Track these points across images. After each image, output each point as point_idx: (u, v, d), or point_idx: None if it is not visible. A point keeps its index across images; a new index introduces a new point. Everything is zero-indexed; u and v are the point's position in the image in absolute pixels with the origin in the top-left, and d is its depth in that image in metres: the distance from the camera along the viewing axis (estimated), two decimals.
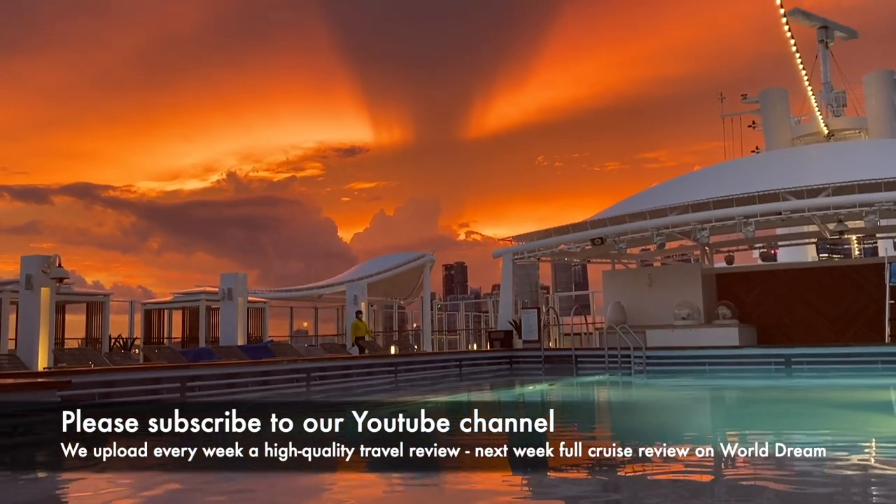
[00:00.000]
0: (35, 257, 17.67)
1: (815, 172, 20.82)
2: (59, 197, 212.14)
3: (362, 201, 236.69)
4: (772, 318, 23.76)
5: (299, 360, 14.29)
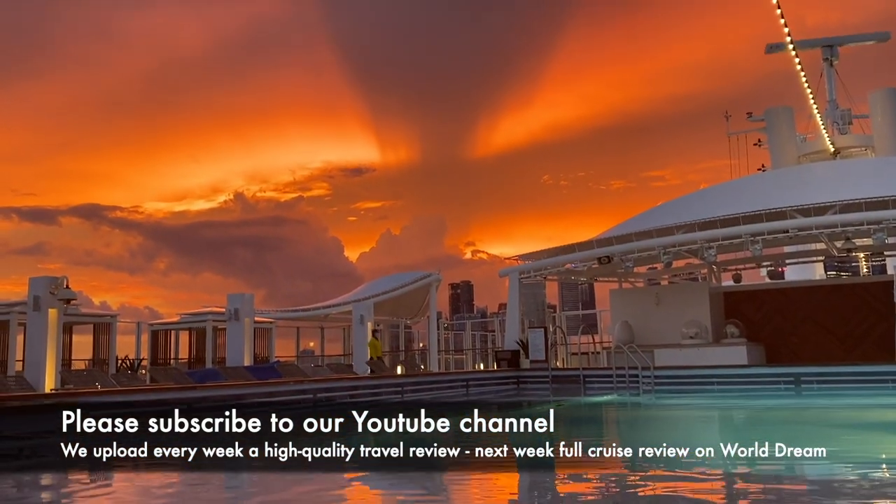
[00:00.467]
0: (43, 279, 17.74)
1: (822, 190, 20.78)
2: (67, 218, 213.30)
3: (369, 220, 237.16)
4: (780, 336, 23.62)
5: (305, 380, 14.26)
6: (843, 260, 31.43)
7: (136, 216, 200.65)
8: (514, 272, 24.65)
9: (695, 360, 21.62)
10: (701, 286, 25.59)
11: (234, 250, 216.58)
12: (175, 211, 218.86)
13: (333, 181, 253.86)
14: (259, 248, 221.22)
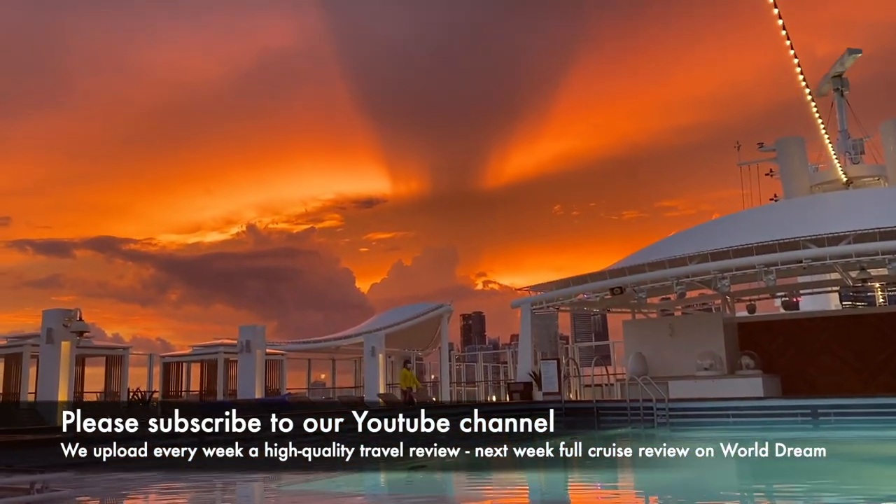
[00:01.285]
0: (56, 311, 17.83)
1: (836, 220, 20.66)
2: (81, 250, 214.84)
3: (380, 251, 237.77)
4: (796, 367, 23.35)
5: (318, 414, 14.14)
6: (858, 290, 31.20)
7: (150, 248, 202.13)
8: (526, 303, 24.54)
9: (710, 392, 21.36)
10: (715, 317, 25.38)
11: (245, 282, 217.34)
12: (188, 243, 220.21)
13: (345, 212, 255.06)
14: (271, 280, 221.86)
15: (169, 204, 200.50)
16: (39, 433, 12.80)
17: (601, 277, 23.07)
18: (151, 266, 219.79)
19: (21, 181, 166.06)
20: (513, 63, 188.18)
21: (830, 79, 33.48)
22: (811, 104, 30.75)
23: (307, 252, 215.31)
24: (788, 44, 29.17)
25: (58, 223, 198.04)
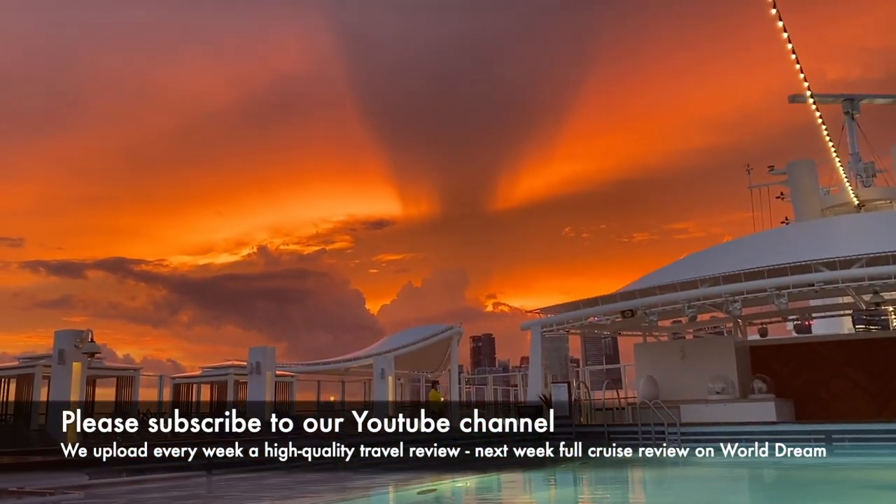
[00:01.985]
0: (68, 332, 17.91)
1: (848, 243, 20.57)
2: (93, 271, 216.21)
3: (390, 273, 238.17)
4: (809, 392, 23.13)
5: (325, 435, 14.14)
6: (871, 313, 30.94)
7: (161, 269, 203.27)
8: (537, 325, 24.46)
9: (722, 417, 21.18)
10: (727, 340, 25.22)
11: (256, 303, 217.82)
12: (199, 264, 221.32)
13: (355, 234, 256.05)
14: (281, 301, 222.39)
15: (181, 225, 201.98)
16: (49, 454, 12.84)
17: (612, 300, 23.00)
18: (163, 287, 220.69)
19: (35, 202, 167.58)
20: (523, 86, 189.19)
21: (841, 101, 33.49)
22: (822, 128, 30.72)
23: (317, 273, 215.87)
24: (798, 67, 29.20)
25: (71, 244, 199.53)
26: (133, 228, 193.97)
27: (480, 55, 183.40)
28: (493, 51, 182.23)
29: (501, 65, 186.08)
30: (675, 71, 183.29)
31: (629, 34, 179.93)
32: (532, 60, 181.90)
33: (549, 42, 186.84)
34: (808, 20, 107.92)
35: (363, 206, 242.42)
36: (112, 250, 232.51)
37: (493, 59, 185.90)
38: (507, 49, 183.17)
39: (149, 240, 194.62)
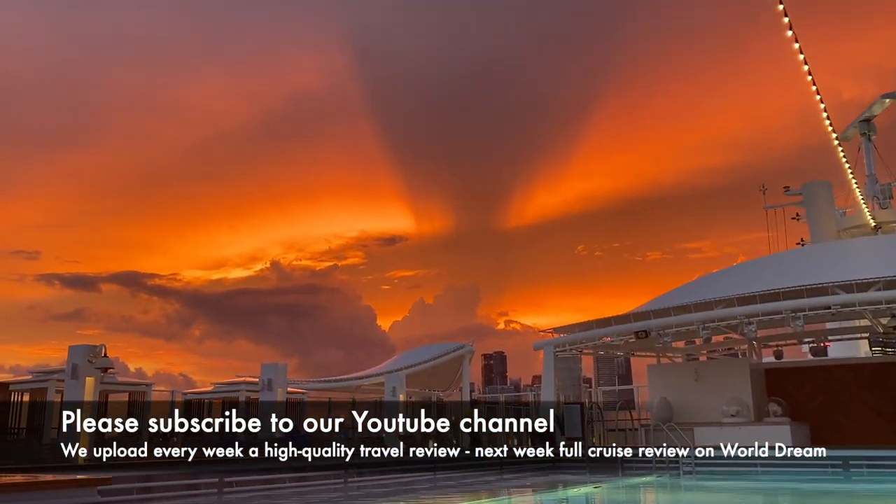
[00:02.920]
0: (82, 347, 17.98)
1: (865, 266, 20.38)
2: (107, 285, 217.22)
3: (402, 289, 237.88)
4: (825, 415, 22.83)
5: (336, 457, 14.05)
6: (889, 336, 30.54)
7: (174, 283, 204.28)
8: (549, 345, 24.34)
9: (736, 439, 20.94)
10: (741, 362, 24.97)
11: (268, 318, 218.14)
12: (212, 279, 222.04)
13: (368, 250, 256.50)
14: (293, 316, 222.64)
15: (194, 240, 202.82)
16: (60, 472, 12.83)
17: (626, 321, 22.86)
18: (176, 301, 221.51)
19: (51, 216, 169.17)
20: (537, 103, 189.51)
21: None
22: (838, 149, 30.53)
23: (329, 289, 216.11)
24: (815, 88, 29.02)
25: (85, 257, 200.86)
26: (147, 242, 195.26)
27: (496, 73, 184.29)
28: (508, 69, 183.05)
29: (517, 83, 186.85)
30: (689, 90, 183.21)
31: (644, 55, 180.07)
32: (547, 79, 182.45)
33: (563, 61, 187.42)
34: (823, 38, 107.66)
35: (376, 223, 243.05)
36: (126, 264, 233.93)
37: (508, 77, 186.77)
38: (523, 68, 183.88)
39: (162, 254, 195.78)
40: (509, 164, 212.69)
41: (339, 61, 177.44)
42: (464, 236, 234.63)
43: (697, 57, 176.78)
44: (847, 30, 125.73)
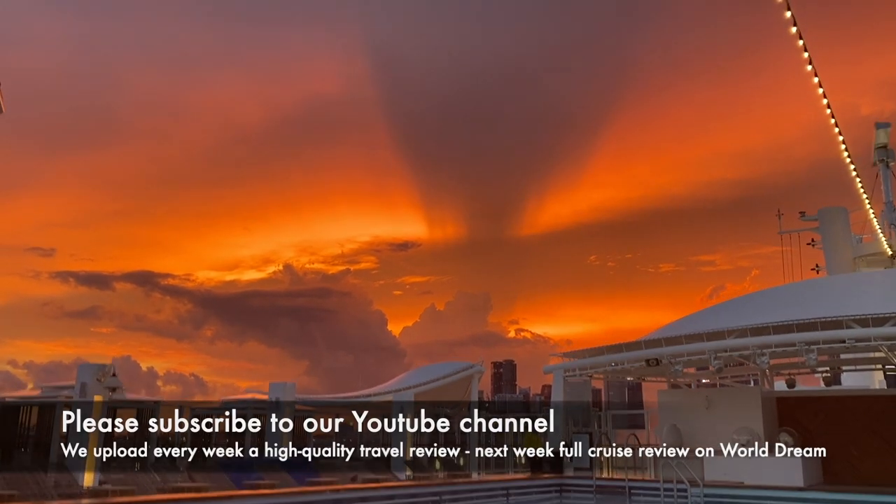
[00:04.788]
0: (91, 366, 18.03)
1: (882, 299, 20.11)
2: (121, 283, 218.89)
3: (413, 295, 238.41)
4: (837, 447, 22.46)
5: (339, 489, 13.97)
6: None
7: (188, 284, 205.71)
8: (559, 370, 24.21)
9: (746, 470, 20.71)
10: (753, 391, 24.70)
11: (279, 320, 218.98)
12: (226, 280, 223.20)
13: (380, 255, 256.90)
14: (304, 319, 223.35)
15: (209, 241, 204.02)
16: None
17: (637, 347, 22.69)
18: (188, 301, 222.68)
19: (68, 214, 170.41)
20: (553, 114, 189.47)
21: (875, 150, 32.98)
22: (855, 178, 30.22)
23: (341, 293, 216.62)
24: (829, 112, 28.71)
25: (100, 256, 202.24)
26: (161, 243, 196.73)
27: (512, 82, 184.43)
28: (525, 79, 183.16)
29: (533, 92, 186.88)
30: (704, 104, 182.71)
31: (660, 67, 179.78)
32: (563, 90, 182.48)
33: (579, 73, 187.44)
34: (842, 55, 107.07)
35: (389, 228, 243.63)
36: (140, 263, 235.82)
37: (524, 86, 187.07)
38: (539, 78, 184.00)
39: (176, 254, 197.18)
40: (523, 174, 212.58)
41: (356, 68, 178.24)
42: (476, 244, 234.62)
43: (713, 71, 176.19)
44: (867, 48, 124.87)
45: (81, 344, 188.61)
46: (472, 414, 30.51)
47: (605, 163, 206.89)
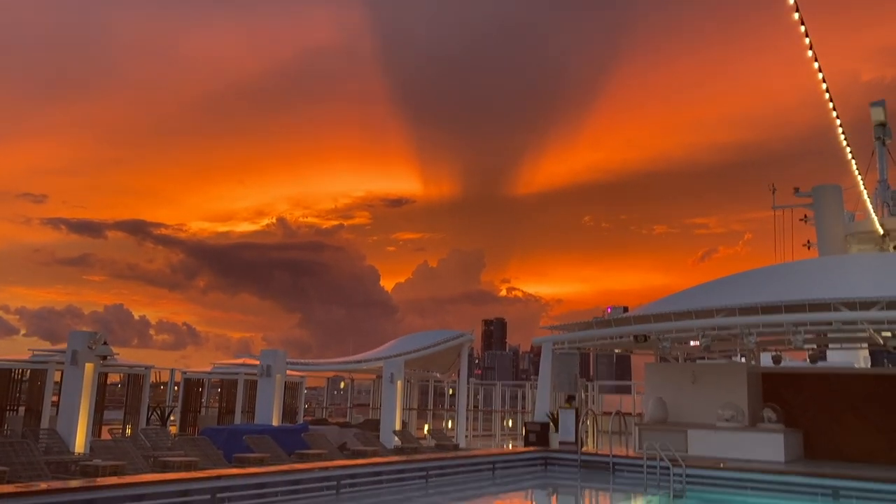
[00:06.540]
0: (82, 333, 18.02)
1: (871, 283, 20.23)
2: (113, 232, 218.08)
3: (406, 251, 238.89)
4: (820, 424, 22.86)
5: (329, 466, 14.12)
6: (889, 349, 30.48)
7: (181, 234, 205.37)
8: (548, 342, 24.39)
9: (729, 445, 21.10)
10: (739, 366, 24.94)
11: (272, 273, 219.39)
12: (219, 231, 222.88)
13: (374, 211, 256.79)
14: (297, 273, 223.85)
15: (203, 192, 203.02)
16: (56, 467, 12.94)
17: (626, 323, 22.84)
18: (181, 252, 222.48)
19: (60, 161, 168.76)
20: (552, 72, 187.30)
21: (874, 127, 32.77)
22: (846, 149, 29.95)
23: (334, 247, 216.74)
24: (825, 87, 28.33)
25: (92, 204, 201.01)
26: (155, 192, 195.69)
27: (511, 41, 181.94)
28: (524, 38, 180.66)
29: (532, 52, 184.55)
30: (702, 67, 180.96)
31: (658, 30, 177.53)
32: (562, 49, 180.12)
33: (579, 31, 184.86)
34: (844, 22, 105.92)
35: (383, 184, 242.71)
36: (133, 212, 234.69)
37: (523, 45, 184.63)
38: (539, 37, 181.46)
39: (170, 204, 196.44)
40: (520, 132, 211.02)
41: (354, 19, 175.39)
42: (471, 201, 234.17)
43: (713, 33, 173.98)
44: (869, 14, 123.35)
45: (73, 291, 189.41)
46: (461, 382, 30.89)
47: (603, 124, 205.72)
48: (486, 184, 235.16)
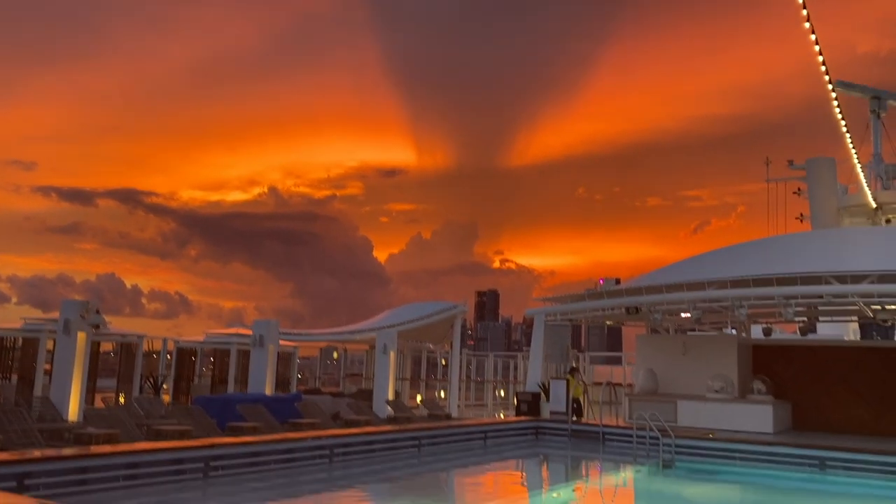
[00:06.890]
0: (74, 302, 17.99)
1: (862, 256, 20.31)
2: (104, 200, 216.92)
3: (400, 223, 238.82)
4: (808, 395, 23.09)
5: (322, 435, 14.22)
6: None
7: (172, 203, 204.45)
8: (540, 314, 24.48)
9: (719, 416, 21.30)
10: (729, 338, 25.11)
11: (264, 242, 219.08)
12: (210, 200, 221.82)
13: (367, 181, 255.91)
14: (289, 243, 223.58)
15: (194, 160, 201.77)
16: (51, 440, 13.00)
17: (618, 294, 22.93)
18: (172, 220, 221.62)
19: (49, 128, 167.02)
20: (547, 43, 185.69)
21: (868, 98, 32.62)
22: (846, 136, 29.86)
23: (327, 217, 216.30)
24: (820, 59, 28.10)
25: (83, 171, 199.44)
26: (146, 160, 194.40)
27: (507, 11, 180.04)
28: (520, 8, 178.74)
29: (527, 21, 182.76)
30: (696, 39, 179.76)
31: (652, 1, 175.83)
32: (557, 19, 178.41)
33: (574, 4, 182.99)
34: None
35: (376, 154, 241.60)
36: (124, 180, 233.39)
37: (518, 14, 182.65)
38: (533, 6, 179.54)
39: (161, 172, 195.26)
40: (515, 103, 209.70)
41: None
42: (465, 173, 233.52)
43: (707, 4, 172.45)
44: None
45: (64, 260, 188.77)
46: (454, 353, 31.03)
47: (597, 95, 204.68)
48: (480, 155, 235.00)
